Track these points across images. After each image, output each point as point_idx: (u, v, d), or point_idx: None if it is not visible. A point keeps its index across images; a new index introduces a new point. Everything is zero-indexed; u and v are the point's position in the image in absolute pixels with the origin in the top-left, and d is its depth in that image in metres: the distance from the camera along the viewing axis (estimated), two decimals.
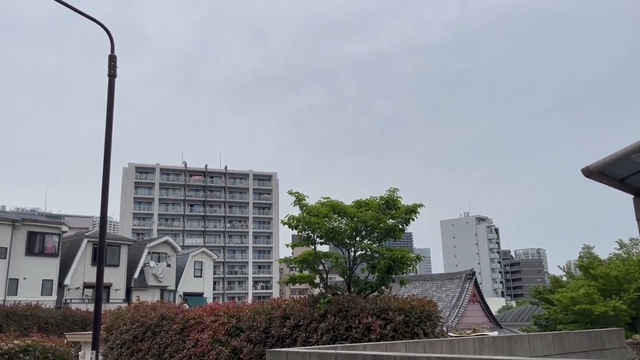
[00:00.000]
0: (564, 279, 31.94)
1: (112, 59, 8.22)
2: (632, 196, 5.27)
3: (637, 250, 30.65)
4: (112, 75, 8.14)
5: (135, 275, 40.22)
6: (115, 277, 37.87)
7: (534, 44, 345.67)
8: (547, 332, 7.02)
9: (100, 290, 7.97)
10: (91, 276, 34.90)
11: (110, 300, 35.74)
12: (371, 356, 3.08)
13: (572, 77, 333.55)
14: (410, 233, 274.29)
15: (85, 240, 37.49)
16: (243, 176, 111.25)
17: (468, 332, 8.04)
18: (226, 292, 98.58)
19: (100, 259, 7.93)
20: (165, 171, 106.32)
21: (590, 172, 4.63)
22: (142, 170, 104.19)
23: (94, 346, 7.51)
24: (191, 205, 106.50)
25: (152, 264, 41.08)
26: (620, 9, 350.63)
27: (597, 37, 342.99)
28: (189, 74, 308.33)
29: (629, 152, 4.58)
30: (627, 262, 26.58)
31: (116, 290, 38.13)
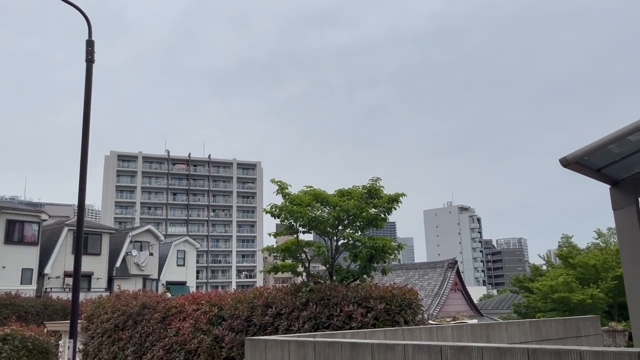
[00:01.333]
0: (544, 267, 32.45)
1: (90, 44, 8.08)
2: (609, 186, 5.35)
3: (615, 240, 31.25)
4: (89, 60, 8.01)
5: (117, 264, 39.92)
6: (97, 265, 37.55)
7: (517, 35, 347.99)
8: (525, 320, 7.15)
9: (77, 278, 7.89)
10: (72, 265, 34.52)
11: (92, 289, 35.47)
12: (349, 343, 3.10)
13: (554, 68, 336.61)
14: (394, 222, 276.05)
15: (65, 229, 37.05)
16: (227, 165, 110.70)
17: (448, 320, 8.15)
18: (209, 281, 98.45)
19: (78, 247, 7.85)
20: (148, 159, 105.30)
21: (568, 162, 4.69)
22: (124, 158, 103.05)
23: (72, 335, 7.46)
24: (174, 194, 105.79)
25: (134, 252, 40.81)
26: (600, 2, 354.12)
27: (579, 29, 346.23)
28: (172, 61, 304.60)
29: (606, 143, 4.65)
30: (605, 251, 27.09)
31: (97, 279, 37.84)
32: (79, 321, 11.96)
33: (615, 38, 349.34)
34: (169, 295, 14.80)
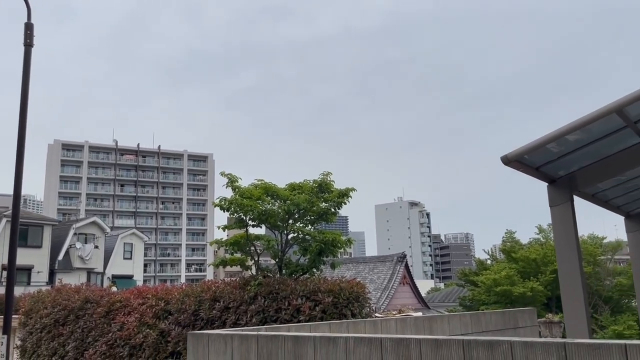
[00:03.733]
0: (489, 262, 33.61)
1: (29, 27, 7.75)
2: (547, 184, 5.60)
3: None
4: (28, 44, 7.68)
5: (60, 257, 38.48)
6: (38, 258, 36.07)
7: (467, 34, 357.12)
8: (466, 312, 7.39)
9: (12, 271, 7.57)
10: None
11: (32, 283, 34.05)
12: (292, 337, 3.12)
13: (501, 68, 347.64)
14: (346, 216, 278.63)
15: (3, 220, 35.36)
16: (177, 156, 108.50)
17: (393, 312, 8.32)
18: (158, 274, 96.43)
19: (13, 238, 7.52)
20: (95, 149, 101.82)
21: (509, 160, 4.87)
22: (69, 147, 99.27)
23: (5, 330, 7.16)
24: (122, 185, 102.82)
25: (78, 245, 39.43)
26: (547, 4, 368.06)
27: (526, 31, 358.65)
28: (121, 48, 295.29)
29: (545, 142, 4.85)
30: (545, 246, 28.32)
31: (38, 272, 36.36)
32: (16, 317, 11.48)
33: (560, 40, 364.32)
34: (114, 289, 14.42)
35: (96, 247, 40.85)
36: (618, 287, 26.59)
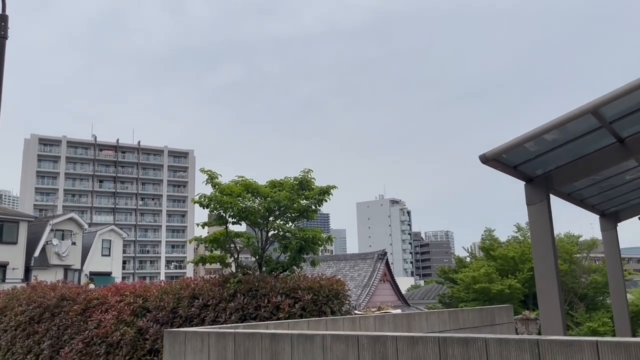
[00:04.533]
0: (468, 259, 33.93)
1: (3, 19, 7.61)
2: (524, 183, 5.67)
3: None
4: (2, 36, 7.54)
5: (36, 254, 37.79)
6: (13, 255, 35.40)
7: (448, 34, 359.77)
8: (444, 310, 7.47)
9: None
10: None
11: (7, 280, 33.40)
12: (269, 334, 3.11)
13: (481, 68, 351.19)
14: (328, 214, 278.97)
15: None
16: (157, 152, 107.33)
17: (373, 310, 8.36)
18: (137, 271, 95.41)
19: None
20: (73, 144, 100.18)
21: (487, 159, 4.92)
22: (46, 142, 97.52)
23: None
24: (101, 181, 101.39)
25: (55, 241, 38.77)
26: (526, 7, 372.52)
27: (507, 30, 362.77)
28: (100, 42, 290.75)
29: (523, 141, 4.91)
30: (523, 244, 28.70)
31: (13, 269, 35.67)
32: None
33: (539, 41, 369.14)
34: (92, 286, 14.20)
35: (73, 243, 40.22)
36: (593, 285, 27.08)
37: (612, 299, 9.20)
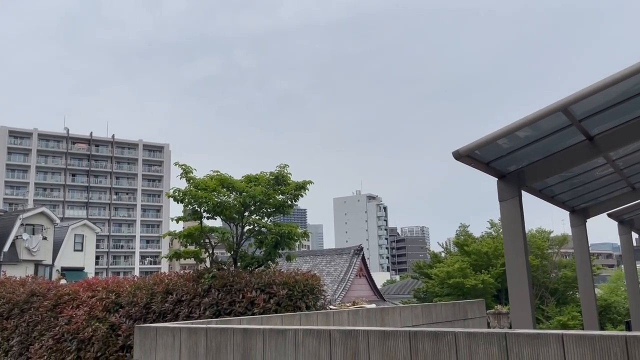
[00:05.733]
0: (443, 255, 34.34)
1: None
2: (497, 179, 5.75)
3: None
4: None
5: (5, 249, 36.90)
6: None
7: (426, 31, 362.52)
8: (418, 304, 7.56)
9: None
10: None
11: None
12: (241, 330, 3.10)
13: (458, 65, 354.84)
14: (305, 209, 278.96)
15: None
16: (132, 146, 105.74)
17: (348, 304, 8.40)
18: (111, 267, 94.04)
19: None
20: (44, 137, 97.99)
21: (460, 155, 4.97)
22: (16, 134, 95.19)
23: None
24: (73, 175, 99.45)
25: (25, 236, 37.92)
26: (503, 6, 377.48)
27: (485, 28, 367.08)
28: (73, 33, 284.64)
29: (495, 138, 4.98)
30: (496, 240, 29.16)
31: None
32: None
33: (514, 40, 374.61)
34: (63, 281, 13.95)
35: (44, 238, 39.40)
36: (563, 280, 27.70)
37: (581, 294, 9.42)
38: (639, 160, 7.40)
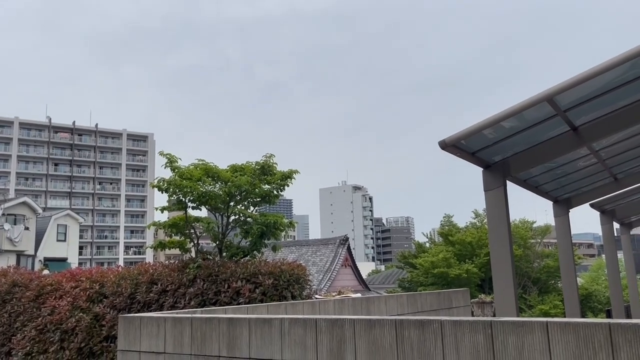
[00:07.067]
0: (427, 245, 34.58)
1: None
2: (482, 169, 5.78)
3: None
4: None
5: None
6: None
7: (411, 24, 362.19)
8: (403, 294, 7.61)
9: None
10: None
11: None
12: (226, 319, 3.08)
13: (446, 55, 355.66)
14: (291, 200, 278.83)
15: None
16: (116, 135, 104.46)
17: (333, 294, 8.43)
18: (94, 257, 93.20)
19: None
20: (26, 126, 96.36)
21: (446, 145, 4.98)
22: None
23: None
24: (56, 165, 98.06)
25: (6, 226, 37.40)
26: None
27: (470, 21, 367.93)
28: (54, 20, 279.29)
29: (481, 128, 4.99)
30: (480, 230, 29.44)
31: None
32: None
33: (498, 34, 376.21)
34: (46, 272, 13.78)
35: (27, 228, 38.89)
36: (546, 269, 28.09)
37: (563, 283, 9.55)
38: (622, 150, 7.49)
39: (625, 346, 2.16)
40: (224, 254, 8.87)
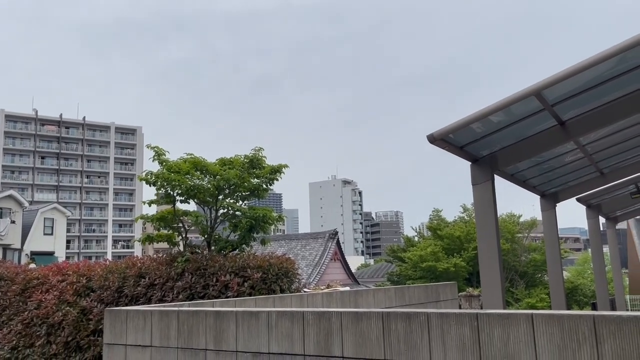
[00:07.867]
0: (416, 239, 34.77)
1: None
2: (470, 163, 5.80)
3: None
4: None
5: None
6: None
7: (402, 18, 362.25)
8: (391, 287, 7.65)
9: None
10: None
11: None
12: (213, 312, 3.07)
13: (436, 51, 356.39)
14: (280, 194, 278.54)
15: None
16: (104, 128, 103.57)
17: (322, 288, 8.45)
18: (82, 251, 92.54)
19: None
20: (12, 118, 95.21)
21: (435, 139, 4.99)
22: None
23: None
24: (42, 158, 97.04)
25: None
26: None
27: (463, 13, 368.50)
28: (41, 11, 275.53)
29: (469, 122, 5.00)
30: (468, 224, 29.65)
31: None
32: None
33: (489, 28, 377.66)
34: (33, 266, 13.67)
35: (13, 222, 38.51)
36: (532, 263, 28.38)
37: (550, 276, 9.65)
38: (608, 145, 7.56)
39: (610, 338, 2.18)
40: (213, 247, 8.84)
